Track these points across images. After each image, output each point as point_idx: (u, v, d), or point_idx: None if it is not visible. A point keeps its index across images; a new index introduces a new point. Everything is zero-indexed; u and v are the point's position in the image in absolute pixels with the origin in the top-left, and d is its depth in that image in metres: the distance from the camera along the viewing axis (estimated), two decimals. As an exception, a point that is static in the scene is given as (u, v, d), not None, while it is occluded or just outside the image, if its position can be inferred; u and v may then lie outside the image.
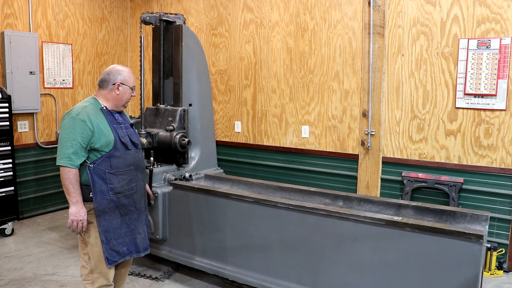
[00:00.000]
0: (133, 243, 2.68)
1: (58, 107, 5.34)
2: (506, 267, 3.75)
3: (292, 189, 3.55)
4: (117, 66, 2.69)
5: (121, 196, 2.58)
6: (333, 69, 4.42)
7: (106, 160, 2.52)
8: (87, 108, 2.54)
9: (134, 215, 2.68)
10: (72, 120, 2.47)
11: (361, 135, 4.27)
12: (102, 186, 2.51)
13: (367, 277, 2.72)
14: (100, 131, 2.51)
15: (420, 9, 3.90)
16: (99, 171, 2.50)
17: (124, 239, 2.62)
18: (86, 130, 2.46)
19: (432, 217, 2.94)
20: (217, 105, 5.31)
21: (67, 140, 2.44)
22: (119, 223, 2.59)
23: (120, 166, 2.58)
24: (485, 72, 3.67)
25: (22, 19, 4.91)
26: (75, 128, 2.45)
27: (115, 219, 2.57)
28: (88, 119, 2.49)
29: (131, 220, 2.66)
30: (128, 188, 2.63)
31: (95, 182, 2.49)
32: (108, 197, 2.52)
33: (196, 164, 4.01)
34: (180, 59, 3.92)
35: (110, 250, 2.56)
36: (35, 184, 5.16)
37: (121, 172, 2.58)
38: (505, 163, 3.68)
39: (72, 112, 2.50)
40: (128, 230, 2.64)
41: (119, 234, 2.60)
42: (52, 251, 4.18)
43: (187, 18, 5.32)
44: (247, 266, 3.23)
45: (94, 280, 2.60)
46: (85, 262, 2.62)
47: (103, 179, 2.51)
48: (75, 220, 2.47)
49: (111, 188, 2.53)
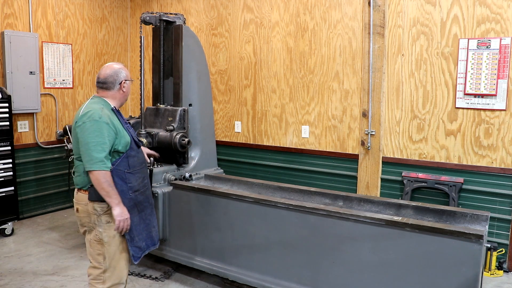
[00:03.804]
0: (149, 236, 2.74)
1: (58, 107, 5.34)
2: (506, 267, 3.75)
3: (292, 189, 3.55)
4: (113, 65, 2.67)
5: (138, 194, 2.63)
6: (333, 69, 4.42)
7: (124, 160, 2.55)
8: (105, 110, 2.52)
9: (148, 210, 2.74)
10: (96, 124, 2.42)
11: (361, 135, 4.27)
12: (123, 186, 2.53)
13: (367, 277, 2.72)
14: (120, 133, 2.53)
15: (420, 9, 3.90)
16: (119, 172, 2.52)
17: (143, 235, 2.68)
18: (111, 133, 2.47)
19: (432, 217, 2.94)
20: (217, 105, 5.31)
21: (97, 144, 2.40)
22: (138, 220, 2.64)
23: (136, 165, 2.63)
24: (485, 72, 3.67)
25: (22, 19, 4.91)
26: (102, 131, 2.42)
27: (135, 217, 2.61)
28: (110, 121, 2.49)
29: (146, 215, 2.71)
30: (142, 185, 2.69)
31: (116, 183, 2.49)
32: (128, 196, 2.56)
33: (196, 164, 4.01)
34: (180, 59, 3.92)
35: (134, 247, 2.61)
36: (35, 184, 5.17)
37: (137, 170, 2.64)
38: (505, 163, 3.68)
39: (94, 115, 2.44)
40: (145, 225, 2.70)
41: (139, 230, 2.65)
42: (52, 251, 4.18)
43: (187, 18, 5.32)
44: (247, 266, 3.23)
45: (106, 279, 2.57)
46: (98, 263, 2.57)
47: (122, 179, 2.54)
48: (122, 220, 2.48)
49: (130, 187, 2.57)
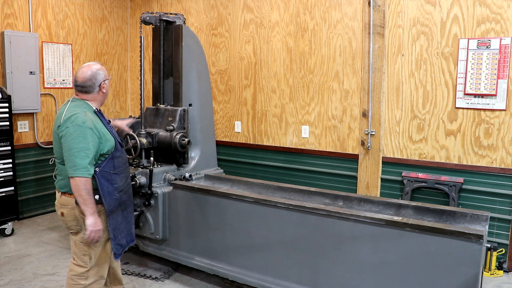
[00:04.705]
0: (129, 233, 2.80)
1: (58, 107, 5.33)
2: (506, 267, 3.75)
3: (292, 189, 3.55)
4: (92, 66, 2.61)
5: (122, 194, 2.68)
6: (333, 69, 4.42)
7: (110, 162, 2.58)
8: (88, 114, 2.51)
9: (130, 208, 2.80)
10: (80, 129, 2.41)
11: (361, 135, 4.27)
12: (109, 187, 2.57)
13: (367, 277, 2.72)
14: (104, 136, 2.53)
15: (420, 9, 3.90)
16: (105, 173, 2.55)
17: (124, 232, 2.73)
18: (95, 138, 2.47)
19: (432, 217, 2.94)
20: (217, 105, 5.31)
21: (80, 150, 2.39)
22: (121, 219, 2.69)
23: (120, 165, 2.67)
24: (485, 72, 3.67)
25: (22, 19, 4.91)
26: (86, 137, 2.42)
27: (119, 216, 2.67)
28: (93, 126, 2.48)
29: (128, 213, 2.77)
30: (126, 184, 2.74)
31: (102, 185, 2.53)
32: (114, 196, 2.60)
33: (196, 164, 4.01)
34: (180, 59, 3.92)
35: (117, 245, 2.66)
36: (35, 184, 5.16)
37: (121, 170, 2.67)
38: (505, 163, 3.68)
39: (77, 120, 2.43)
40: (126, 223, 2.75)
41: (122, 228, 2.71)
42: (52, 251, 4.18)
43: (187, 18, 5.32)
44: (247, 266, 3.23)
45: (89, 276, 2.63)
46: (84, 262, 2.62)
47: (108, 180, 2.56)
48: (94, 231, 2.47)
49: (116, 187, 2.61)
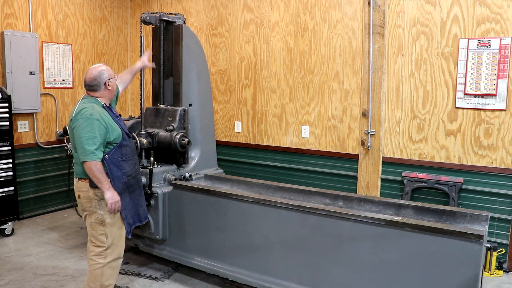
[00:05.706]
0: (136, 214, 3.12)
1: (58, 107, 5.34)
2: (506, 267, 3.75)
3: (292, 189, 3.55)
4: (96, 68, 2.93)
5: (130, 178, 2.99)
6: (333, 69, 4.42)
7: (118, 150, 2.89)
8: (96, 108, 2.82)
9: (137, 191, 3.11)
10: (88, 120, 2.73)
11: (361, 135, 4.27)
12: (118, 172, 2.88)
13: (367, 277, 2.72)
14: (111, 127, 2.84)
15: (420, 9, 3.90)
16: (114, 160, 2.87)
17: (131, 213, 3.05)
18: (102, 127, 2.77)
19: (432, 217, 2.94)
20: (217, 105, 5.31)
21: (88, 138, 2.72)
22: (128, 200, 3.01)
23: (128, 153, 2.98)
24: (485, 72, 3.67)
25: (22, 19, 4.91)
26: (93, 127, 2.73)
27: (127, 197, 2.98)
28: (100, 117, 2.78)
29: (135, 196, 3.08)
30: (134, 170, 3.05)
31: (112, 170, 2.84)
32: (122, 180, 2.92)
33: (196, 164, 4.01)
34: (180, 59, 3.92)
35: (127, 223, 3.01)
36: (35, 184, 5.16)
37: (129, 157, 2.99)
38: (505, 163, 3.68)
39: (86, 113, 2.75)
40: (133, 204, 3.07)
41: (130, 209, 3.03)
42: (52, 251, 4.18)
43: (187, 18, 5.32)
44: (247, 266, 3.23)
45: (107, 255, 2.91)
46: (101, 242, 2.89)
47: (117, 166, 2.88)
48: (113, 203, 2.80)
49: (124, 173, 2.93)
